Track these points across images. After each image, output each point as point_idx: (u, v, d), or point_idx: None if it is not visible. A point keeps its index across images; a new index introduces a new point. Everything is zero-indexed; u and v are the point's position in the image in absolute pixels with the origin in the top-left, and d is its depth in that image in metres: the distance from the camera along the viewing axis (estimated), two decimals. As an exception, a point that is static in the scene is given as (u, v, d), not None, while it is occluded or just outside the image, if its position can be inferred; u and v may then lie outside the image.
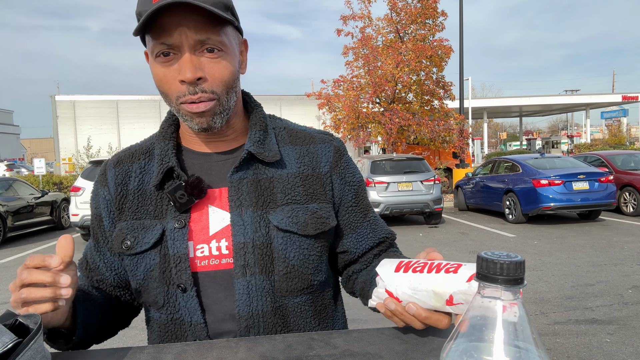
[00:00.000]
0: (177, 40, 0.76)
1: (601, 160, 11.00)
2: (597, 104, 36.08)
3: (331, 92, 15.61)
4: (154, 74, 0.81)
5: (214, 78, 0.79)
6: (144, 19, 0.73)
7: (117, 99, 21.50)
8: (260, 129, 0.90)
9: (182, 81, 0.78)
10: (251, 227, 0.83)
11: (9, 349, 0.59)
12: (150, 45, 0.79)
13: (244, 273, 0.82)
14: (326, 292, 0.93)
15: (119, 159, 0.93)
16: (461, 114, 14.93)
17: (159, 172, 0.85)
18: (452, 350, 0.44)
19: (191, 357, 0.70)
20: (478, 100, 34.01)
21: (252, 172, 0.86)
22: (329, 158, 0.92)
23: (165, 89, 0.81)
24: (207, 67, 0.78)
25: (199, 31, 0.76)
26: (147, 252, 0.84)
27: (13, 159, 36.98)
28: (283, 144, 0.92)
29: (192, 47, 0.77)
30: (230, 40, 0.81)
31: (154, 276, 0.83)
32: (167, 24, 0.75)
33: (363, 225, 0.94)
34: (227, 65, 0.80)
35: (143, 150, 0.93)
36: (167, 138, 0.90)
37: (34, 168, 15.10)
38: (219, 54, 0.79)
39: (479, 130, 44.25)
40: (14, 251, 8.22)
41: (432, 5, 14.71)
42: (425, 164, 9.96)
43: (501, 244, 7.34)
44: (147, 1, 0.76)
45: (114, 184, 0.89)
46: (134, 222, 0.86)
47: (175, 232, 0.83)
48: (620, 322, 3.82)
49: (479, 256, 0.44)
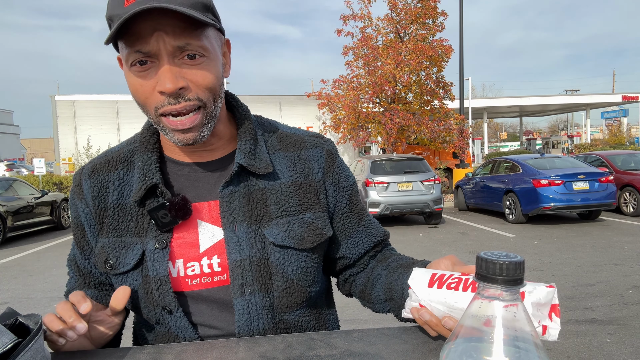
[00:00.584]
0: (153, 48, 0.70)
1: (601, 160, 11.00)
2: (597, 104, 36.07)
3: (331, 92, 15.62)
4: (129, 83, 0.75)
5: (198, 85, 0.73)
6: (116, 27, 0.66)
7: (117, 99, 21.48)
8: (250, 137, 0.84)
9: (161, 92, 0.72)
10: (246, 243, 0.79)
11: (9, 349, 0.59)
12: (124, 52, 0.72)
13: (242, 292, 0.78)
14: (321, 299, 0.92)
15: (94, 167, 0.87)
16: (461, 114, 14.93)
17: (141, 189, 0.79)
18: (452, 350, 0.44)
19: (191, 357, 0.70)
20: (478, 100, 34.00)
21: (244, 185, 0.82)
22: (322, 164, 0.88)
23: (142, 100, 0.74)
24: (188, 75, 0.72)
25: (178, 36, 0.70)
26: (129, 273, 0.80)
27: (13, 159, 36.98)
28: (273, 151, 0.87)
29: (170, 54, 0.70)
30: (212, 44, 0.75)
31: (140, 296, 0.81)
32: (141, 29, 0.68)
33: (358, 231, 0.92)
34: (211, 71, 0.74)
35: (120, 158, 0.86)
36: (149, 149, 0.83)
37: (34, 168, 15.09)
38: (201, 59, 0.73)
39: (479, 130, 44.24)
40: (14, 251, 8.21)
41: (432, 5, 14.71)
42: (425, 164, 9.96)
43: (501, 244, 7.34)
44: (117, 4, 0.69)
45: (91, 197, 0.84)
46: (115, 239, 0.82)
47: (156, 253, 0.78)
48: (621, 322, 3.82)
49: (478, 256, 0.44)
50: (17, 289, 5.52)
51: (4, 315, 0.67)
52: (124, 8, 0.68)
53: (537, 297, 0.59)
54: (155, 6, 0.65)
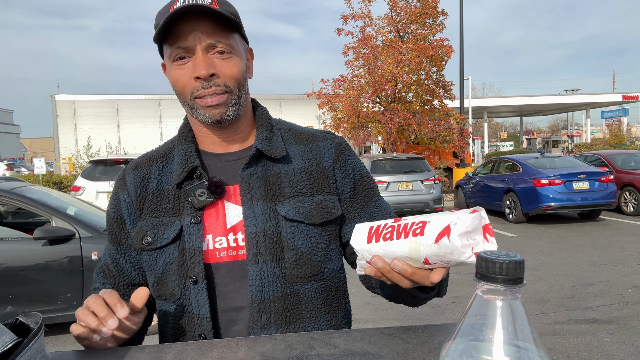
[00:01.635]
0: (191, 43, 0.85)
1: (601, 159, 11.00)
2: (598, 103, 36.06)
3: (331, 91, 15.62)
4: (171, 77, 0.90)
5: (226, 74, 0.88)
6: (163, 22, 0.82)
7: (117, 98, 21.51)
8: (267, 128, 0.97)
9: (196, 78, 0.86)
10: (262, 218, 0.89)
11: (9, 349, 0.59)
12: (168, 51, 0.88)
13: (256, 260, 0.87)
14: (339, 282, 0.97)
15: (137, 164, 1.00)
16: (461, 114, 14.93)
17: (183, 171, 0.91)
18: (452, 349, 0.44)
19: (191, 357, 0.70)
20: (478, 100, 34.01)
21: (261, 168, 0.93)
22: (331, 154, 0.98)
23: (180, 87, 0.89)
24: (219, 66, 0.87)
25: (210, 35, 0.85)
26: (167, 247, 0.90)
27: (13, 159, 36.99)
28: (289, 143, 0.98)
29: (204, 48, 0.86)
30: (238, 45, 0.90)
31: (173, 269, 0.89)
32: (182, 29, 0.85)
33: (361, 215, 0.98)
34: (238, 63, 0.89)
35: (160, 154, 1.00)
36: (188, 141, 0.97)
37: (34, 167, 15.12)
38: (229, 55, 0.88)
39: (479, 129, 44.23)
40: (14, 251, 8.21)
41: (433, 5, 14.70)
42: (425, 163, 9.96)
43: (501, 244, 7.34)
44: (164, 12, 0.85)
45: (133, 187, 0.96)
46: (154, 219, 0.92)
47: (192, 227, 0.89)
48: (621, 321, 3.82)
49: (479, 256, 0.44)
50: (18, 289, 5.52)
51: (5, 314, 0.67)
52: (169, 13, 0.82)
53: (464, 227, 0.59)
54: (196, 3, 0.82)
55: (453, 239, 0.59)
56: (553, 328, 3.77)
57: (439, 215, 0.63)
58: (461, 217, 0.60)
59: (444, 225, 0.61)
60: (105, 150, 19.63)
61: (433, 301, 4.43)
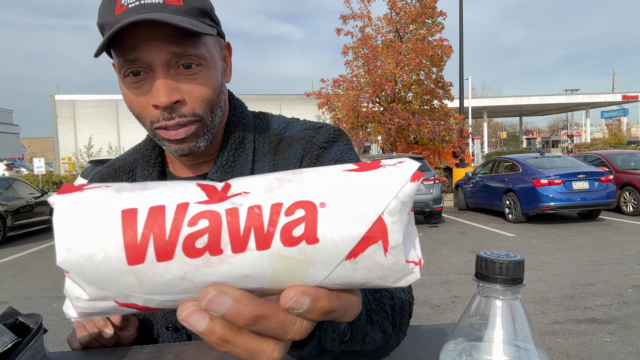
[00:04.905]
0: (146, 57, 0.66)
1: (601, 159, 11.00)
2: (597, 103, 36.08)
3: (331, 91, 15.62)
4: (123, 94, 0.71)
5: (194, 98, 0.69)
6: (106, 38, 0.63)
7: (117, 98, 21.45)
8: (232, 148, 0.80)
9: (155, 106, 0.68)
10: None
11: (9, 349, 0.59)
12: (118, 62, 0.68)
13: None
14: None
15: (102, 177, 0.89)
16: (461, 114, 14.93)
17: None
18: (452, 349, 0.44)
19: (191, 357, 0.70)
20: (478, 100, 34.02)
21: None
22: (298, 157, 0.80)
23: (136, 112, 0.71)
24: (184, 87, 0.68)
25: (172, 43, 0.65)
26: None
27: (13, 159, 36.97)
28: (262, 155, 0.82)
29: (165, 64, 0.67)
30: (209, 50, 0.71)
31: (145, 316, 0.83)
32: (133, 39, 0.64)
33: None
34: (208, 81, 0.70)
35: (125, 168, 0.86)
36: (150, 165, 0.82)
37: (34, 167, 15.11)
38: (197, 69, 0.69)
39: (479, 129, 44.23)
40: (14, 251, 8.21)
41: (432, 5, 14.71)
42: (425, 163, 9.95)
43: (501, 244, 7.34)
44: (108, 13, 0.66)
45: None
46: None
47: None
48: (620, 321, 3.82)
49: (478, 256, 0.44)
50: (17, 289, 5.52)
51: (5, 314, 0.67)
52: (114, 16, 0.64)
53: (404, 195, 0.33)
54: (147, 18, 0.61)
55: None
56: (553, 328, 3.77)
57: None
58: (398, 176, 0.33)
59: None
60: (105, 150, 19.64)
61: (433, 301, 4.43)
